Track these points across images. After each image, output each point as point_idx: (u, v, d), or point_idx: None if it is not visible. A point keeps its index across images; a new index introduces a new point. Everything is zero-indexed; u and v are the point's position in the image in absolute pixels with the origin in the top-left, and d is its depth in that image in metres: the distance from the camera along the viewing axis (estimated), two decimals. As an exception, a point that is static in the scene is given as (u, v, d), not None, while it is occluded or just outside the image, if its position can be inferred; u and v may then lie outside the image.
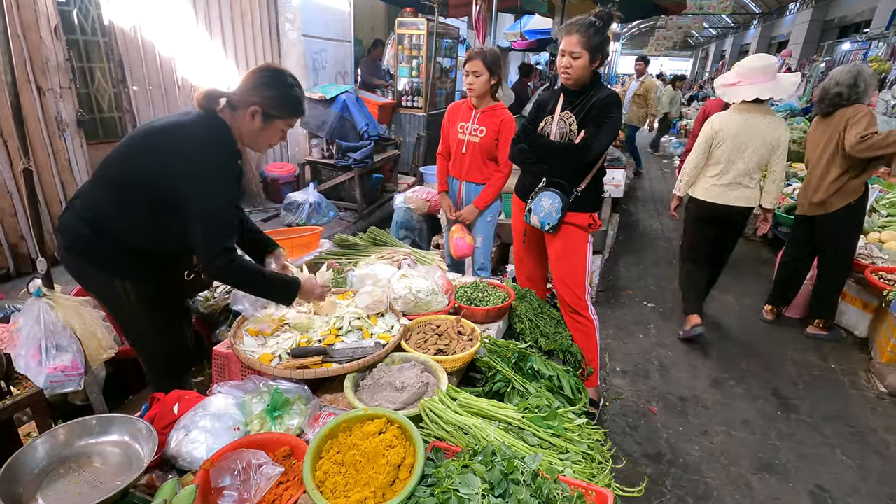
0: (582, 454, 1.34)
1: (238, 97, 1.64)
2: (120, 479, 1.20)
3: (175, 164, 1.55)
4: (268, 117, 1.66)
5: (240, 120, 1.66)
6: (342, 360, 1.64)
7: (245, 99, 1.64)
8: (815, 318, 3.69)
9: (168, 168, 1.55)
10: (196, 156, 1.56)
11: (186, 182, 1.55)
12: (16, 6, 3.16)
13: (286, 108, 1.69)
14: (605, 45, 2.19)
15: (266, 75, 1.66)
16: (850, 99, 3.12)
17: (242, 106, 1.64)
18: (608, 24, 2.17)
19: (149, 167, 1.57)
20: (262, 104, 1.64)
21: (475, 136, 2.90)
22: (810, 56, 14.80)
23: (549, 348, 2.10)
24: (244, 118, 1.65)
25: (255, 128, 1.67)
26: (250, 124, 1.66)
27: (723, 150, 3.14)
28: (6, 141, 3.23)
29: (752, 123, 3.06)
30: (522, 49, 11.30)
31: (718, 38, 30.32)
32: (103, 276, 1.70)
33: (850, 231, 3.37)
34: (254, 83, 1.64)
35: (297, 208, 4.92)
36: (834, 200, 3.27)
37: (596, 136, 2.23)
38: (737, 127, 3.09)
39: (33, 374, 1.74)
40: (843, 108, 3.13)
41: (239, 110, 1.65)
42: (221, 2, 4.95)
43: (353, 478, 1.17)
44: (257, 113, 1.64)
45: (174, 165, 1.55)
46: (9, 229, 3.35)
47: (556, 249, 2.49)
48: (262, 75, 1.66)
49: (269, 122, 1.68)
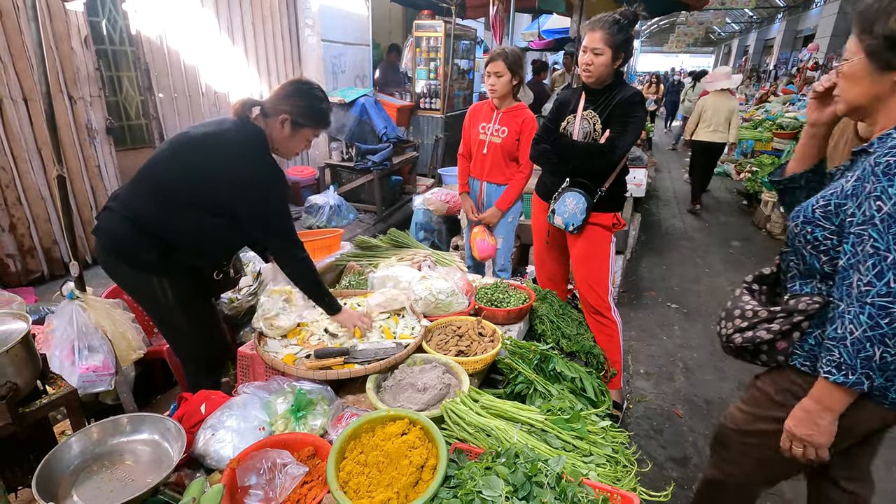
0: (606, 457, 1.32)
1: (270, 106, 1.76)
2: (150, 477, 1.23)
3: (223, 172, 1.66)
4: (296, 126, 1.77)
5: (271, 127, 1.76)
6: (364, 361, 1.65)
7: (276, 107, 1.75)
8: None
9: (215, 176, 1.67)
10: (242, 162, 1.67)
11: (236, 189, 1.66)
12: (49, 19, 3.28)
13: (314, 118, 1.80)
14: (628, 44, 2.16)
15: (297, 87, 1.78)
16: None
17: (274, 114, 1.75)
18: (633, 23, 2.14)
19: (195, 176, 1.68)
20: (292, 113, 1.74)
21: (496, 136, 2.90)
22: (838, 49, 14.35)
23: (571, 350, 2.07)
24: (275, 125, 1.75)
25: (285, 135, 1.77)
26: (280, 131, 1.76)
27: (709, 114, 6.17)
28: (41, 149, 3.35)
29: (721, 100, 6.14)
30: (540, 49, 11.22)
31: (741, 33, 29.64)
32: (141, 275, 1.77)
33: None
34: (286, 93, 1.76)
35: (317, 211, 4.97)
36: None
37: (622, 135, 2.19)
38: (713, 102, 6.18)
39: (67, 374, 1.80)
40: None
41: (270, 118, 1.75)
42: (243, 9, 5.05)
43: (376, 478, 1.17)
44: (286, 121, 1.74)
45: (222, 174, 1.66)
46: (43, 234, 3.47)
47: (578, 250, 2.46)
48: (294, 87, 1.78)
49: (297, 130, 1.78)
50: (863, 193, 1.11)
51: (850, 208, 1.14)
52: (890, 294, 1.05)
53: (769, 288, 1.49)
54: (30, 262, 3.42)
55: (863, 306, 1.08)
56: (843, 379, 1.12)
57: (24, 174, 3.29)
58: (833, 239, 1.19)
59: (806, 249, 1.25)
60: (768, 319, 1.31)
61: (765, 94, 12.04)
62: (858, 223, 1.11)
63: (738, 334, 1.36)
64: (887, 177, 1.06)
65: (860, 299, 1.09)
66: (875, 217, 1.07)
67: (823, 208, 1.20)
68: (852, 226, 1.12)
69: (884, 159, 1.08)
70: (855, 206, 1.13)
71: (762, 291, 1.48)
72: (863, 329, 1.08)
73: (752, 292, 1.47)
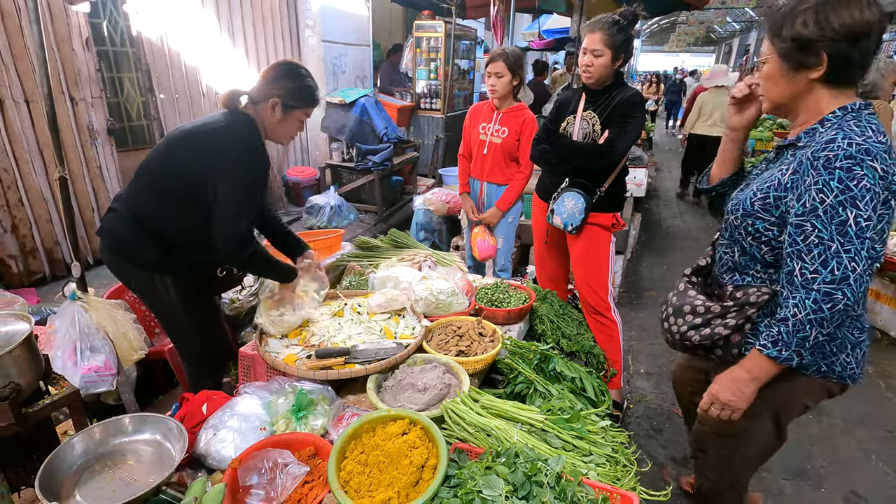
0: (606, 457, 1.32)
1: (258, 92, 1.75)
2: (152, 477, 1.24)
3: (211, 158, 1.66)
4: (287, 108, 1.77)
5: (262, 113, 1.76)
6: (365, 361, 1.66)
7: (265, 92, 1.74)
8: None
9: (205, 162, 1.66)
10: (230, 147, 1.66)
11: (221, 171, 1.65)
12: (50, 20, 3.29)
13: (304, 97, 1.79)
14: (628, 44, 2.16)
15: (284, 69, 1.78)
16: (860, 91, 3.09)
17: (263, 99, 1.75)
18: (633, 23, 2.14)
19: (187, 165, 1.69)
20: (282, 95, 1.74)
21: (497, 136, 2.90)
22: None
23: (571, 350, 2.08)
24: (266, 111, 1.76)
25: (276, 118, 1.77)
26: (271, 116, 1.77)
27: (709, 108, 6.46)
28: (42, 150, 3.36)
29: (720, 96, 6.34)
30: (540, 49, 11.23)
31: (742, 32, 29.58)
32: (144, 274, 1.79)
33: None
34: (272, 77, 1.76)
35: (318, 211, 4.98)
36: None
37: (621, 136, 2.20)
38: (712, 98, 6.46)
39: (69, 375, 1.81)
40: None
41: (260, 104, 1.76)
42: (244, 10, 5.06)
43: (376, 478, 1.18)
44: (277, 104, 1.74)
45: (211, 159, 1.66)
46: (45, 235, 3.48)
47: (578, 250, 2.47)
48: (279, 69, 1.78)
49: (288, 112, 1.78)
50: (802, 186, 1.18)
51: (790, 200, 1.21)
52: (834, 281, 1.13)
53: (703, 279, 1.54)
54: (32, 263, 3.43)
55: (808, 292, 1.16)
56: (776, 354, 1.21)
57: (25, 175, 3.31)
58: (774, 230, 1.26)
59: (746, 241, 1.32)
60: (722, 314, 1.36)
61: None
62: (799, 214, 1.18)
63: (694, 332, 1.39)
64: (828, 171, 1.13)
65: (806, 286, 1.17)
66: (818, 209, 1.14)
67: (762, 201, 1.27)
68: (793, 216, 1.19)
69: (822, 154, 1.14)
70: (794, 198, 1.20)
71: (699, 283, 1.52)
72: (806, 312, 1.16)
73: (693, 285, 1.50)
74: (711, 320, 1.37)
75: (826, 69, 1.16)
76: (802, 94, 1.23)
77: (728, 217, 1.37)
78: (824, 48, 1.13)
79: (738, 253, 1.36)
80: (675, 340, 1.46)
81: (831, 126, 1.19)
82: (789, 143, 1.29)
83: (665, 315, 1.50)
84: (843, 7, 1.10)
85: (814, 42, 1.14)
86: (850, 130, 1.15)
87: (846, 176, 1.11)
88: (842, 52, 1.13)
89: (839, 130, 1.16)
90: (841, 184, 1.11)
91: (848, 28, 1.10)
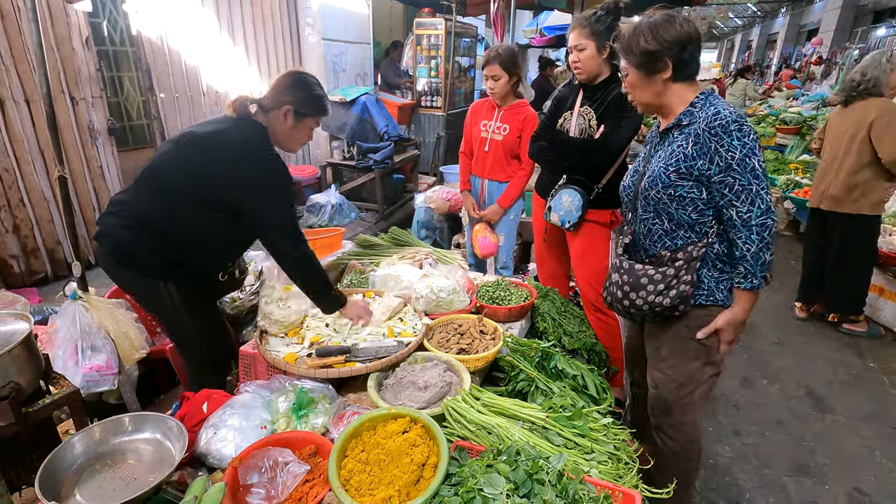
0: (608, 454, 1.32)
1: (270, 100, 1.75)
2: (153, 476, 1.24)
3: (226, 170, 1.65)
4: (299, 116, 1.77)
5: (273, 121, 1.76)
6: (365, 359, 1.65)
7: (277, 100, 1.74)
8: (829, 312, 3.63)
9: (218, 174, 1.66)
10: (245, 160, 1.65)
11: (239, 187, 1.65)
12: (50, 20, 3.28)
13: (315, 106, 1.80)
14: (609, 32, 2.14)
15: (295, 78, 1.78)
16: (862, 87, 3.10)
17: (275, 107, 1.74)
18: (615, 13, 2.13)
19: (198, 174, 1.67)
20: (294, 103, 1.74)
21: (498, 134, 2.89)
22: (842, 44, 14.24)
23: (572, 347, 2.07)
24: (278, 118, 1.75)
25: (288, 127, 1.77)
26: (283, 124, 1.76)
27: None
28: (43, 150, 3.36)
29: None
30: (541, 46, 11.20)
31: (744, 27, 29.46)
32: (146, 280, 1.74)
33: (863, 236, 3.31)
34: (285, 85, 1.76)
35: (319, 210, 4.97)
36: (852, 197, 3.19)
37: (615, 131, 2.19)
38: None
39: (70, 374, 1.81)
40: (861, 98, 3.12)
41: (272, 112, 1.75)
42: (244, 9, 5.05)
43: (377, 476, 1.17)
44: (289, 112, 1.74)
45: (225, 172, 1.65)
46: (46, 235, 3.48)
47: (577, 247, 2.46)
48: (291, 78, 1.77)
49: (300, 120, 1.78)
50: (711, 151, 1.45)
51: (702, 165, 1.47)
52: (764, 213, 1.43)
53: (633, 255, 1.74)
54: (33, 262, 3.44)
55: (750, 229, 1.44)
56: (750, 285, 1.50)
57: (26, 175, 3.31)
58: (695, 191, 1.51)
59: (672, 207, 1.55)
60: (676, 275, 1.56)
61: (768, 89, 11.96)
62: (718, 173, 1.45)
63: (662, 297, 1.57)
64: (727, 133, 1.42)
65: (746, 224, 1.44)
66: (732, 163, 1.42)
67: (676, 172, 1.52)
68: (714, 175, 1.46)
69: (715, 123, 1.43)
70: (706, 161, 1.46)
71: (635, 258, 1.70)
72: (756, 244, 1.45)
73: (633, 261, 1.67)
74: (671, 282, 1.56)
75: (672, 70, 1.49)
76: (664, 92, 1.54)
77: (648, 193, 1.59)
78: (667, 55, 1.46)
79: (667, 220, 1.59)
80: (642, 312, 1.63)
81: (703, 106, 1.50)
82: (674, 126, 1.56)
83: (621, 294, 1.66)
84: (669, 25, 1.46)
85: (658, 52, 1.46)
86: (721, 105, 1.47)
87: (741, 134, 1.41)
88: (677, 56, 1.47)
89: (713, 106, 1.47)
90: (740, 141, 1.41)
91: (676, 38, 1.45)
